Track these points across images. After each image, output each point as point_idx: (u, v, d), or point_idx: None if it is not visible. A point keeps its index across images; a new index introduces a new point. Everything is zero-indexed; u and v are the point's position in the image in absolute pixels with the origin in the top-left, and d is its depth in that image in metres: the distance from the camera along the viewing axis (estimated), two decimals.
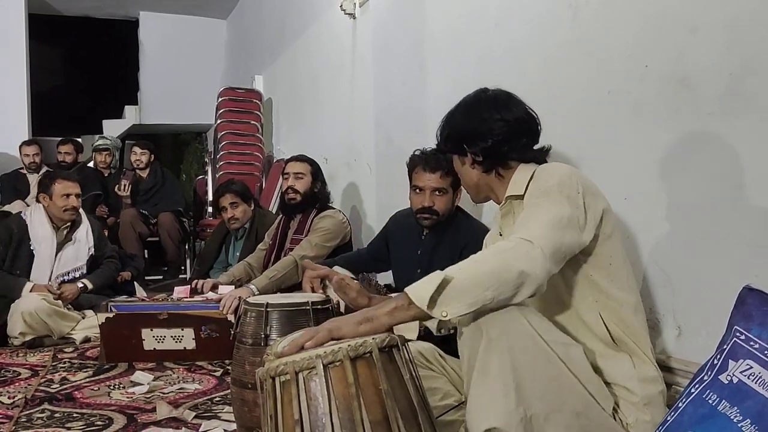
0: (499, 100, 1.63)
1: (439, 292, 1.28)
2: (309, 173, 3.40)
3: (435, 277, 1.30)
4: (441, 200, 2.46)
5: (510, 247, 1.35)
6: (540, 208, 1.45)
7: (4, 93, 6.16)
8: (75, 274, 3.70)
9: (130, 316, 2.94)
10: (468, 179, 1.71)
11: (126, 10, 7.82)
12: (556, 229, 1.40)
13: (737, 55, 1.68)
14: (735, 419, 1.20)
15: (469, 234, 2.47)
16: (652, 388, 1.49)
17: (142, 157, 5.66)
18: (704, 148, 1.79)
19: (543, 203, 1.46)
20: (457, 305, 1.28)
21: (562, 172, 1.52)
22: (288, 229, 3.47)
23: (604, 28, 2.14)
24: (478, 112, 1.62)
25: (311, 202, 3.40)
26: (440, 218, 2.50)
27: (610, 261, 1.53)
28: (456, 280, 1.29)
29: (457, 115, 1.68)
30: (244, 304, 1.97)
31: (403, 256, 2.70)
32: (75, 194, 3.71)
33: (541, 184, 1.51)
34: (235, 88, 6.01)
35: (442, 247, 2.53)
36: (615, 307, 1.52)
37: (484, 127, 1.61)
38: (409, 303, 1.30)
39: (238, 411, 1.87)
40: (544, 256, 1.33)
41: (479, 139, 1.61)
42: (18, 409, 2.29)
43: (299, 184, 3.37)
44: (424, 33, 3.31)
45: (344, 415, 1.12)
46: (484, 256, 1.39)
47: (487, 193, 1.70)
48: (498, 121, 1.60)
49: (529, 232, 1.38)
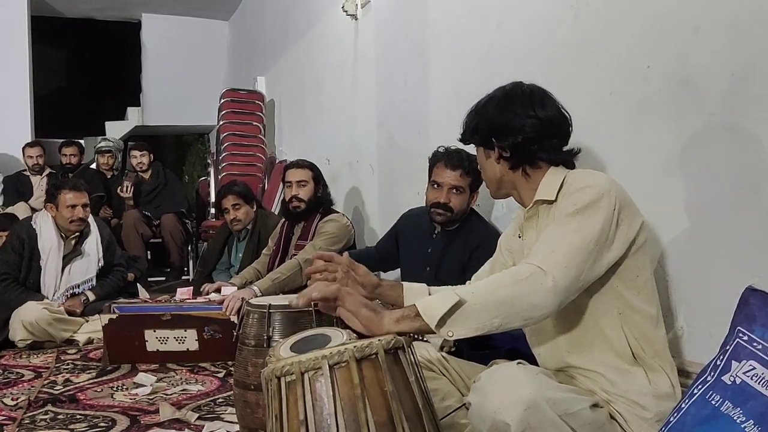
0: (534, 96, 1.58)
1: (450, 313, 1.29)
2: (311, 179, 3.39)
3: (448, 298, 1.30)
4: (457, 198, 2.48)
5: (525, 278, 1.34)
6: (568, 232, 1.40)
7: (7, 95, 6.18)
8: (85, 286, 3.67)
9: (133, 317, 2.94)
10: (491, 174, 1.64)
11: (128, 12, 7.84)
12: (580, 257, 1.37)
13: (740, 55, 1.68)
14: (738, 420, 1.20)
15: (482, 236, 2.47)
16: (667, 404, 1.45)
17: (143, 159, 5.67)
18: (707, 148, 1.78)
19: (572, 224, 1.41)
20: (464, 328, 1.30)
21: (601, 185, 1.46)
22: (291, 235, 3.47)
23: (606, 28, 2.14)
24: (511, 106, 1.57)
25: (315, 207, 3.40)
26: (453, 216, 2.50)
27: (638, 273, 1.50)
28: (468, 304, 1.30)
29: (489, 106, 1.61)
30: (246, 306, 1.97)
31: (413, 254, 2.70)
32: (82, 204, 3.64)
33: (577, 198, 1.45)
34: (237, 89, 6.01)
35: (452, 247, 2.53)
36: (639, 321, 1.50)
37: (516, 122, 1.55)
38: (416, 314, 1.31)
39: (240, 412, 1.88)
40: (556, 290, 1.33)
41: (509, 134, 1.56)
42: (21, 410, 2.29)
43: (303, 192, 3.36)
44: (425, 33, 3.31)
45: (349, 416, 1.12)
46: (500, 282, 1.37)
47: (508, 190, 1.65)
48: (531, 117, 1.54)
49: (549, 261, 1.35)
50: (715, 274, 1.76)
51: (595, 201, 1.42)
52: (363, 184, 4.15)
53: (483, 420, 1.31)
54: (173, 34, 7.89)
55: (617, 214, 1.43)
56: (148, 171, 5.69)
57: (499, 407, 1.28)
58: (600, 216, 1.41)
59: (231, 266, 4.09)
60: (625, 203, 1.47)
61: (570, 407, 1.34)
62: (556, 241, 1.40)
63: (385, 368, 1.16)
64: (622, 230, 1.44)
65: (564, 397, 1.36)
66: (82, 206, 3.65)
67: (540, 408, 1.28)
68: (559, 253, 1.37)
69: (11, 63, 6.25)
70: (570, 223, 1.42)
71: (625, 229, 1.45)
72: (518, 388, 1.29)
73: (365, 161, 4.07)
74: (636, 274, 1.50)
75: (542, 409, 1.28)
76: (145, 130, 8.26)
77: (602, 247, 1.41)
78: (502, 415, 1.27)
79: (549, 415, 1.29)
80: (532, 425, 1.27)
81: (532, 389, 1.29)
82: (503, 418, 1.27)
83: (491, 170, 1.64)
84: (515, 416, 1.26)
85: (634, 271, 1.49)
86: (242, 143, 5.66)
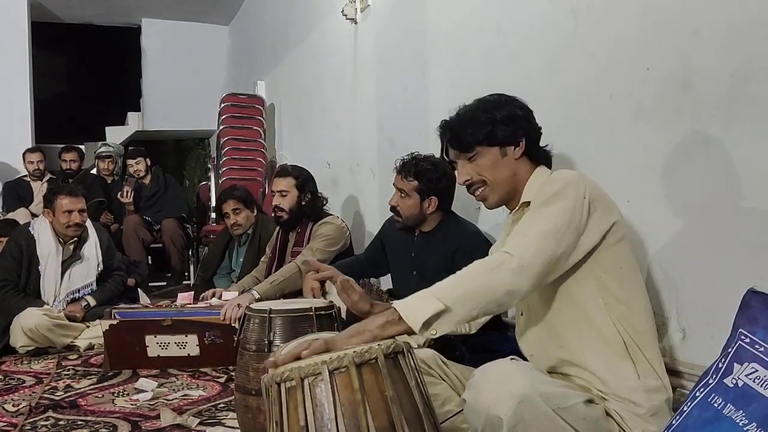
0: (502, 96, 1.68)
1: (434, 318, 1.32)
2: (293, 187, 3.34)
3: (429, 303, 1.32)
4: (404, 202, 2.58)
5: (495, 266, 1.38)
6: (535, 220, 1.46)
7: (7, 100, 6.19)
8: (85, 291, 3.67)
9: (134, 323, 2.94)
10: (507, 173, 1.62)
11: (128, 17, 7.86)
12: (551, 241, 1.41)
13: (739, 57, 1.68)
14: (740, 423, 1.19)
15: (460, 238, 2.50)
16: (658, 397, 1.49)
17: (138, 166, 5.66)
18: (707, 150, 1.78)
19: (542, 211, 1.46)
20: (446, 325, 1.34)
21: (570, 177, 1.52)
22: (287, 242, 3.46)
23: (605, 31, 2.14)
24: (504, 104, 1.64)
25: (300, 216, 3.36)
26: (405, 221, 2.60)
27: (620, 264, 1.52)
28: (447, 303, 1.33)
29: (514, 102, 1.65)
30: (247, 311, 1.97)
31: (399, 258, 2.74)
32: (78, 210, 3.62)
33: (547, 190, 1.50)
34: (237, 93, 6.02)
35: (433, 249, 2.56)
36: (624, 311, 1.51)
37: (531, 116, 1.65)
38: (399, 318, 1.32)
39: (241, 417, 1.88)
40: (523, 270, 1.37)
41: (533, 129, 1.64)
42: (22, 416, 2.29)
43: (284, 202, 3.33)
44: (425, 37, 3.31)
45: (350, 421, 1.12)
46: (474, 272, 1.40)
47: (512, 191, 1.64)
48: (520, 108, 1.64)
49: (519, 247, 1.40)
50: (716, 276, 1.76)
51: (563, 188, 1.48)
52: (363, 188, 4.14)
53: (477, 415, 1.32)
54: (173, 39, 7.90)
55: (587, 202, 1.47)
56: (147, 176, 5.69)
57: (493, 402, 1.29)
58: (568, 202, 1.46)
59: (232, 271, 4.09)
60: (597, 194, 1.51)
61: (564, 402, 1.35)
62: (526, 228, 1.46)
63: (385, 373, 1.16)
64: (595, 219, 1.48)
65: (557, 392, 1.37)
66: (79, 211, 3.64)
67: (533, 402, 1.28)
68: (530, 237, 1.42)
69: (12, 68, 6.26)
70: (540, 211, 1.47)
71: (598, 218, 1.48)
72: (511, 383, 1.30)
73: (366, 165, 4.07)
74: (618, 264, 1.52)
75: (535, 402, 1.29)
76: (145, 135, 8.26)
77: (574, 232, 1.44)
78: (496, 410, 1.28)
79: (542, 408, 1.30)
80: (525, 419, 1.27)
81: (525, 383, 1.30)
82: (497, 412, 1.27)
83: (509, 168, 1.63)
84: (508, 410, 1.26)
85: (616, 262, 1.52)
86: (242, 148, 5.66)
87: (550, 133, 1.72)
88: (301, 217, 3.36)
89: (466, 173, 1.65)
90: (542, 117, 1.70)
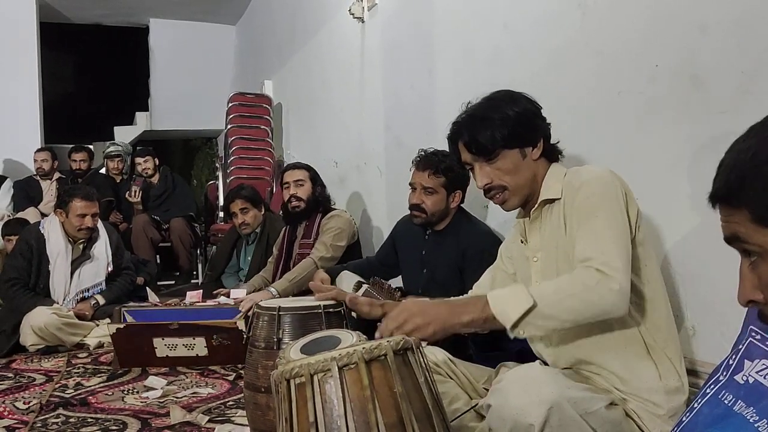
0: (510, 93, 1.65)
1: (524, 316, 1.33)
2: (308, 179, 3.44)
3: (522, 299, 1.34)
4: (430, 199, 2.54)
5: (593, 285, 1.35)
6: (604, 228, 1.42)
7: (16, 101, 6.23)
8: (94, 290, 3.69)
9: (141, 326, 2.95)
10: (528, 175, 1.58)
11: (136, 17, 7.89)
12: (624, 252, 1.40)
13: (748, 53, 1.67)
14: (751, 419, 1.18)
15: (471, 236, 2.50)
16: (678, 398, 1.48)
17: (146, 164, 5.69)
18: (717, 147, 1.75)
19: (600, 216, 1.43)
20: (535, 330, 1.37)
21: (605, 176, 1.48)
22: (295, 238, 3.49)
23: (613, 27, 2.13)
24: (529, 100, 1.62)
25: (314, 207, 3.43)
26: (429, 217, 2.57)
27: (646, 263, 1.52)
28: (540, 308, 1.34)
29: (524, 98, 1.61)
30: (256, 308, 1.98)
31: (410, 258, 2.74)
32: (92, 214, 3.65)
33: (588, 190, 1.47)
34: (244, 93, 6.04)
35: (444, 247, 2.56)
36: (648, 311, 1.51)
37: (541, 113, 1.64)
38: (484, 306, 1.37)
39: (251, 414, 1.88)
40: (622, 291, 1.35)
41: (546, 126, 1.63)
42: (33, 414, 2.31)
43: (301, 191, 3.40)
44: (432, 35, 3.31)
45: (359, 417, 1.12)
46: (571, 288, 1.38)
47: (534, 190, 1.60)
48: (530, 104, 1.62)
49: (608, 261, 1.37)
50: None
51: (605, 190, 1.46)
52: (371, 186, 4.15)
53: (504, 422, 1.30)
54: (181, 39, 7.93)
55: (625, 198, 1.47)
56: (155, 175, 5.72)
57: (522, 408, 1.28)
58: (614, 203, 1.45)
59: (240, 269, 4.10)
60: (626, 188, 1.50)
61: (589, 406, 1.35)
62: (597, 236, 1.42)
63: (394, 369, 1.16)
64: (631, 214, 1.48)
65: (583, 396, 1.36)
66: (92, 216, 3.66)
67: (562, 408, 1.28)
68: (610, 253, 1.38)
69: (20, 69, 6.30)
70: (596, 217, 1.44)
71: (633, 212, 1.48)
72: (540, 389, 1.29)
73: (373, 164, 4.07)
74: (644, 263, 1.51)
75: (564, 408, 1.28)
76: (153, 134, 8.29)
77: (628, 233, 1.45)
78: (525, 416, 1.27)
79: (571, 414, 1.29)
80: (554, 425, 1.27)
81: (554, 389, 1.29)
82: (526, 419, 1.26)
83: (528, 171, 1.58)
84: (539, 416, 1.26)
85: (642, 261, 1.51)
86: (250, 147, 5.68)
87: (558, 131, 1.71)
88: (313, 208, 3.41)
89: (486, 176, 1.57)
90: (550, 114, 1.69)
